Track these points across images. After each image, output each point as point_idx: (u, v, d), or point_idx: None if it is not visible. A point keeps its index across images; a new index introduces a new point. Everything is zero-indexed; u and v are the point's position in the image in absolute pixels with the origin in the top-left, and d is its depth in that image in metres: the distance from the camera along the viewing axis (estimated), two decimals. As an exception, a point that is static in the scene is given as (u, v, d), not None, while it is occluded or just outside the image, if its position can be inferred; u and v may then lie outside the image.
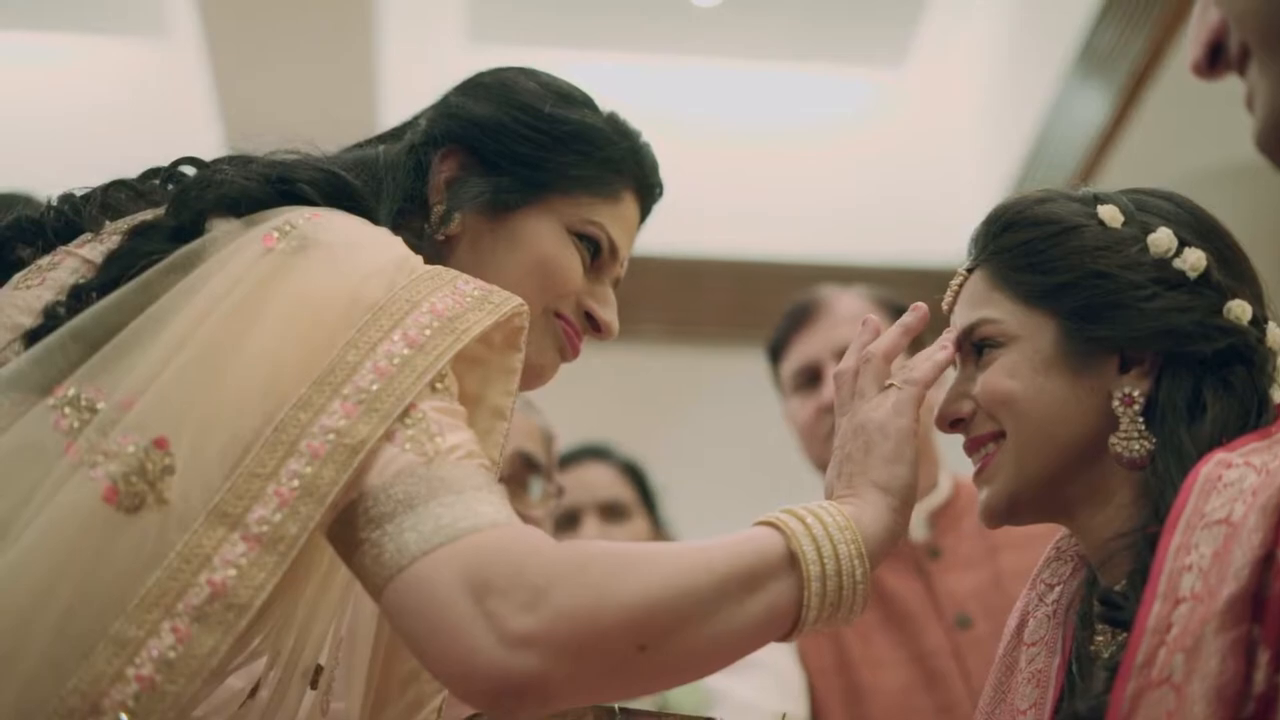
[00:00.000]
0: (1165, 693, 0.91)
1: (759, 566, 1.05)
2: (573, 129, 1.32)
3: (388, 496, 1.01)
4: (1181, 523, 0.98)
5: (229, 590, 0.97)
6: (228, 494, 0.99)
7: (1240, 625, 0.88)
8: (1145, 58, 3.62)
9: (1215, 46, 0.83)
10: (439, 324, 1.08)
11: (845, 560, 1.09)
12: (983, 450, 1.24)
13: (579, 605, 0.97)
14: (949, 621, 2.18)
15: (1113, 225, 1.22)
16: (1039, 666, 1.22)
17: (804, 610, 1.07)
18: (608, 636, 0.98)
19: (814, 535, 1.08)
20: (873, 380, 1.22)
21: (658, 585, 1.00)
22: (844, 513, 1.11)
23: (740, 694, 2.16)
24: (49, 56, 4.36)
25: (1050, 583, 1.27)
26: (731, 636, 1.04)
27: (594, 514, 2.63)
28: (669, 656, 1.01)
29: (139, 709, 0.93)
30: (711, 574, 1.02)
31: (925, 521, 2.27)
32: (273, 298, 1.05)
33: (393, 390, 1.03)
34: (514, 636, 0.96)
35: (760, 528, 1.08)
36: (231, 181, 1.15)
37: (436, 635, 0.98)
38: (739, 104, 4.62)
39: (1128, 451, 1.17)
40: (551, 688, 0.98)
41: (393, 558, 0.99)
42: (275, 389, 1.02)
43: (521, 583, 0.97)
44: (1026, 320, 1.21)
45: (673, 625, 1.00)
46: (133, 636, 0.94)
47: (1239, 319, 1.19)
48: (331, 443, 1.01)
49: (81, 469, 0.97)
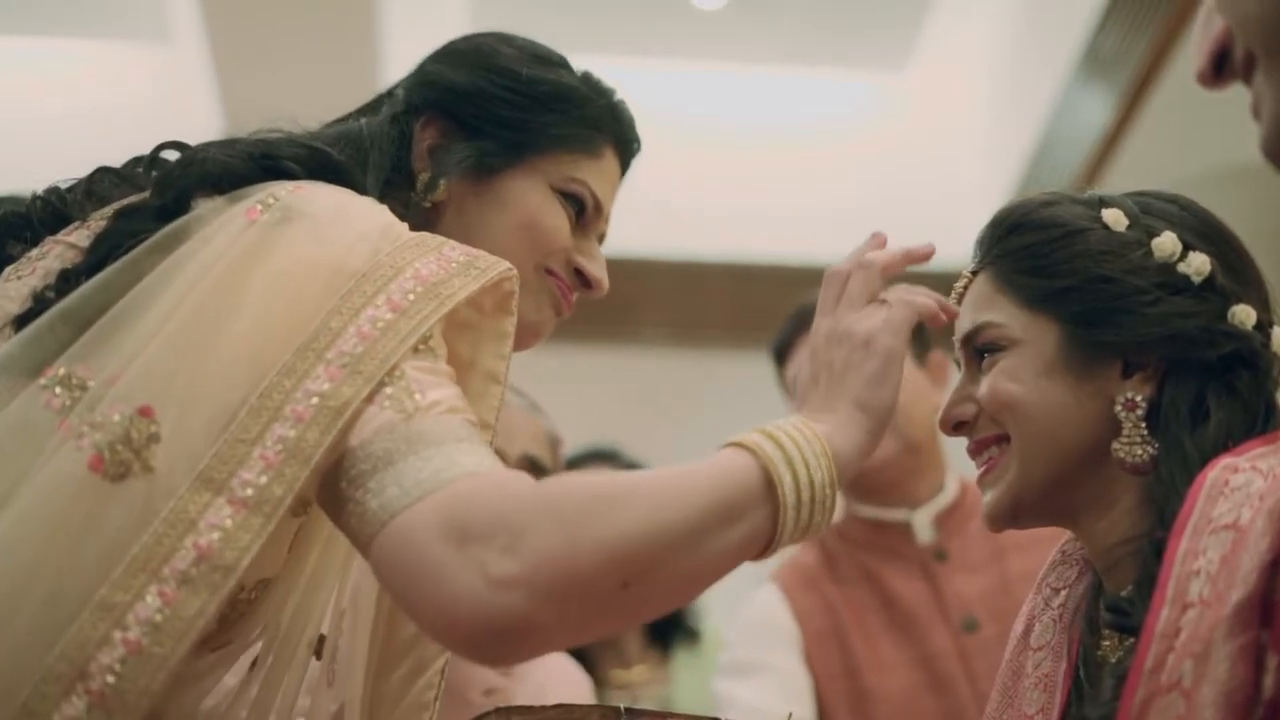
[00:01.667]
0: (1175, 698, 0.91)
1: (738, 498, 1.04)
2: (551, 89, 1.34)
3: (368, 454, 1.01)
4: (1189, 528, 0.98)
5: (214, 552, 0.97)
6: (213, 460, 0.99)
7: (1249, 630, 0.88)
8: (1148, 60, 3.63)
9: (1220, 55, 0.83)
10: (423, 289, 1.08)
11: (819, 487, 1.07)
12: (986, 454, 1.24)
13: (560, 546, 0.97)
14: (955, 625, 2.18)
15: (1117, 229, 1.22)
16: (1046, 671, 1.22)
17: (778, 534, 1.06)
18: (590, 576, 0.97)
19: (791, 462, 1.06)
20: (864, 286, 1.16)
21: (639, 523, 0.99)
22: (819, 435, 1.08)
23: (746, 698, 2.16)
24: (52, 61, 4.36)
25: (1056, 586, 1.27)
26: (710, 566, 1.03)
27: None
28: (651, 591, 1.01)
29: (126, 673, 0.94)
30: (691, 509, 1.01)
31: (932, 524, 2.27)
32: (257, 269, 1.06)
33: (376, 353, 1.04)
34: (496, 580, 0.95)
35: (737, 453, 1.06)
36: (214, 159, 1.16)
37: (420, 585, 0.98)
38: (742, 107, 4.63)
39: (1130, 457, 1.17)
40: (537, 628, 0.97)
41: (376, 514, 0.99)
42: (261, 357, 1.03)
43: (501, 527, 0.97)
44: (1029, 324, 1.21)
45: (654, 562, 0.99)
46: (119, 601, 0.95)
47: (1243, 324, 1.19)
48: (315, 406, 1.01)
49: (70, 442, 0.98)
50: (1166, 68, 3.64)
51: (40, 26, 4.29)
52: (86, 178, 1.23)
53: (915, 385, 2.26)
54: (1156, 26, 3.55)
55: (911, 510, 2.28)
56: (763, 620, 2.25)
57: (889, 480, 2.26)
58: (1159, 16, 3.53)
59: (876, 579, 2.25)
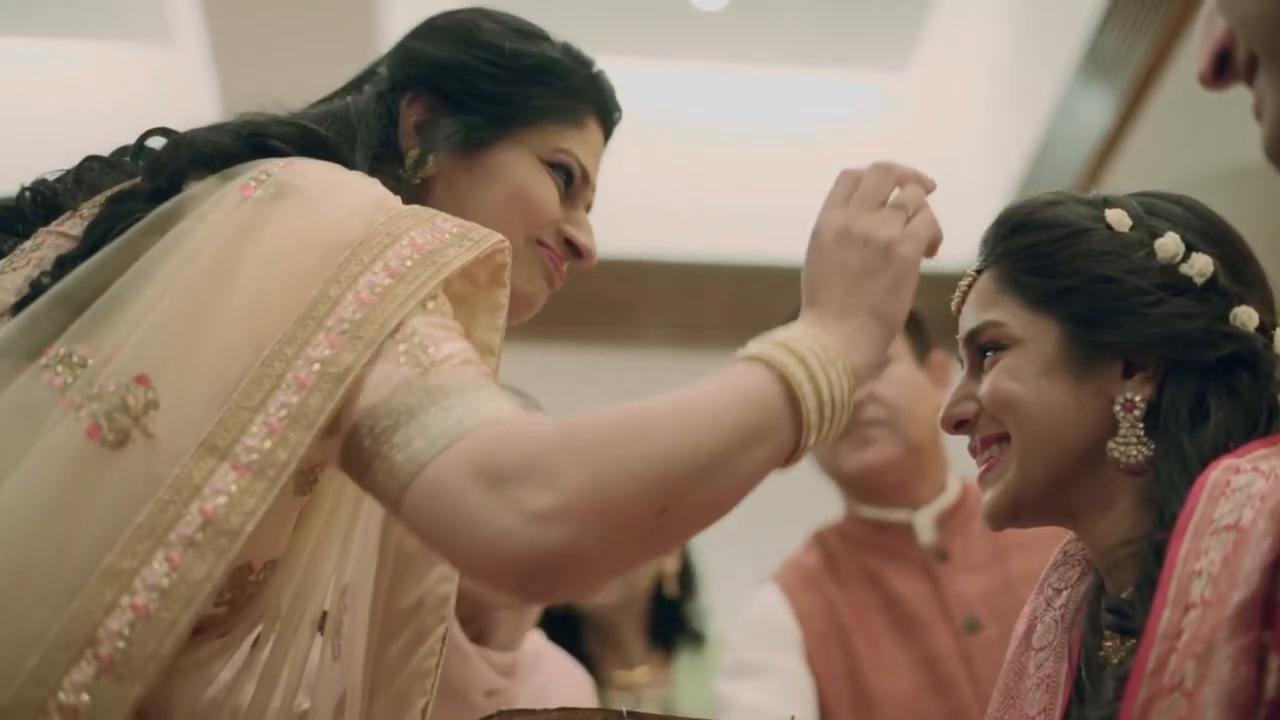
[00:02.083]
0: (1177, 699, 0.91)
1: (765, 421, 1.04)
2: (534, 62, 1.35)
3: (389, 411, 1.02)
4: (1190, 528, 0.98)
5: (220, 517, 0.98)
6: (216, 427, 1.00)
7: (1250, 631, 0.88)
8: (1149, 61, 3.63)
9: (1222, 56, 0.84)
10: (420, 256, 1.09)
11: (840, 405, 1.07)
12: (987, 452, 1.24)
13: (594, 478, 0.98)
14: (957, 625, 2.18)
15: (1120, 229, 1.22)
16: (1048, 671, 1.22)
17: (800, 448, 1.07)
18: (626, 505, 0.98)
19: (814, 378, 1.06)
20: (880, 187, 1.15)
21: (671, 451, 1.00)
22: (840, 351, 1.08)
23: (748, 699, 2.16)
24: (52, 62, 4.37)
25: (1058, 587, 1.27)
26: (740, 485, 1.04)
27: None
28: (686, 515, 1.02)
29: (134, 638, 0.94)
30: (720, 433, 1.02)
31: (933, 524, 2.27)
32: (253, 244, 1.07)
33: (375, 318, 1.05)
34: (536, 515, 0.96)
35: (756, 368, 1.06)
36: (204, 139, 1.17)
37: (461, 531, 0.98)
38: (742, 107, 4.63)
39: (1125, 457, 1.17)
40: (581, 559, 0.98)
41: (403, 467, 1.00)
42: (259, 329, 1.04)
43: (532, 465, 0.98)
44: (1031, 323, 1.22)
45: (687, 487, 1.00)
46: (125, 567, 0.95)
47: (1245, 325, 1.19)
48: (317, 372, 1.02)
49: (69, 415, 0.99)
50: (1167, 68, 3.64)
51: (40, 27, 4.29)
52: (75, 167, 1.24)
53: (916, 385, 2.26)
54: (1157, 27, 3.55)
55: (913, 511, 2.28)
56: (764, 621, 2.25)
57: (891, 482, 2.26)
58: (1160, 17, 3.53)
59: (878, 580, 2.25)
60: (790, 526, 2.54)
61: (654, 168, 4.42)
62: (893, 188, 1.16)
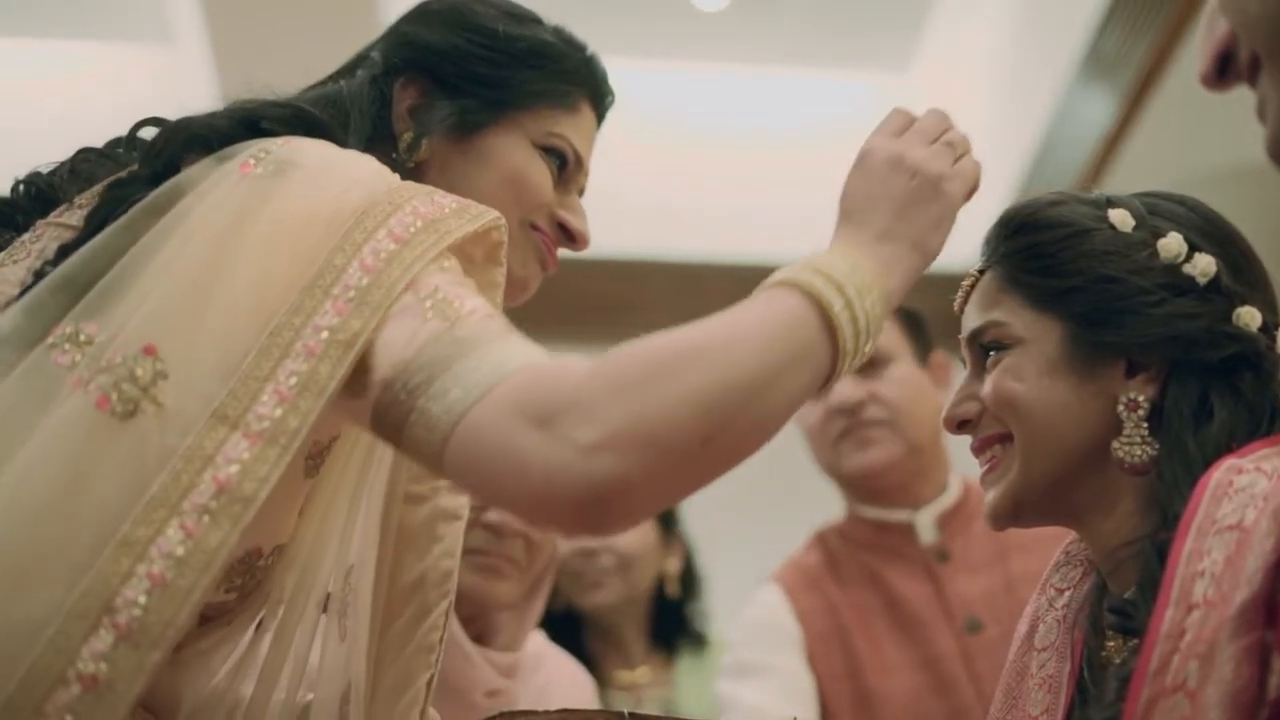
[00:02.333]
0: (1179, 699, 0.91)
1: (802, 348, 1.06)
2: (528, 45, 1.35)
3: (422, 364, 1.02)
4: (1193, 529, 0.98)
5: (233, 485, 0.99)
6: (227, 398, 1.01)
7: (1254, 631, 0.88)
8: (1150, 61, 3.63)
9: (1224, 57, 0.84)
10: (423, 223, 1.10)
11: (874, 331, 1.10)
12: (989, 452, 1.24)
13: (640, 409, 0.98)
14: (959, 625, 2.18)
15: (1123, 229, 1.22)
16: (1050, 672, 1.22)
17: (835, 373, 1.09)
18: (673, 433, 0.99)
19: (851, 307, 1.07)
20: (937, 126, 1.18)
21: (712, 380, 1.00)
22: (876, 276, 1.10)
23: (749, 699, 2.16)
24: (53, 63, 4.37)
25: (1060, 587, 1.27)
26: (781, 411, 1.06)
27: None
28: (730, 441, 1.02)
29: (151, 605, 0.95)
30: (760, 362, 1.03)
31: (935, 525, 2.27)
32: (256, 220, 1.07)
33: (381, 283, 1.05)
34: (586, 448, 0.97)
35: (792, 294, 1.08)
36: (200, 122, 1.18)
37: (510, 471, 0.99)
38: (743, 107, 4.63)
39: (1129, 457, 1.17)
40: (632, 489, 0.98)
41: (443, 417, 1.00)
42: (266, 300, 1.04)
43: (576, 402, 0.98)
44: (1034, 323, 1.22)
45: (730, 414, 1.01)
46: (140, 537, 0.96)
47: (1248, 326, 1.19)
48: (325, 340, 1.03)
49: (78, 391, 0.99)
50: (1168, 68, 3.64)
51: (41, 28, 4.29)
52: (69, 159, 1.24)
53: (918, 386, 2.26)
54: (1158, 27, 3.55)
55: (914, 511, 2.28)
56: (765, 621, 2.25)
57: (893, 482, 2.26)
58: (1161, 17, 3.53)
59: (879, 580, 2.25)
60: (791, 527, 2.54)
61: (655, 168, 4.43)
62: (943, 132, 1.19)
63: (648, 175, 4.35)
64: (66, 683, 0.92)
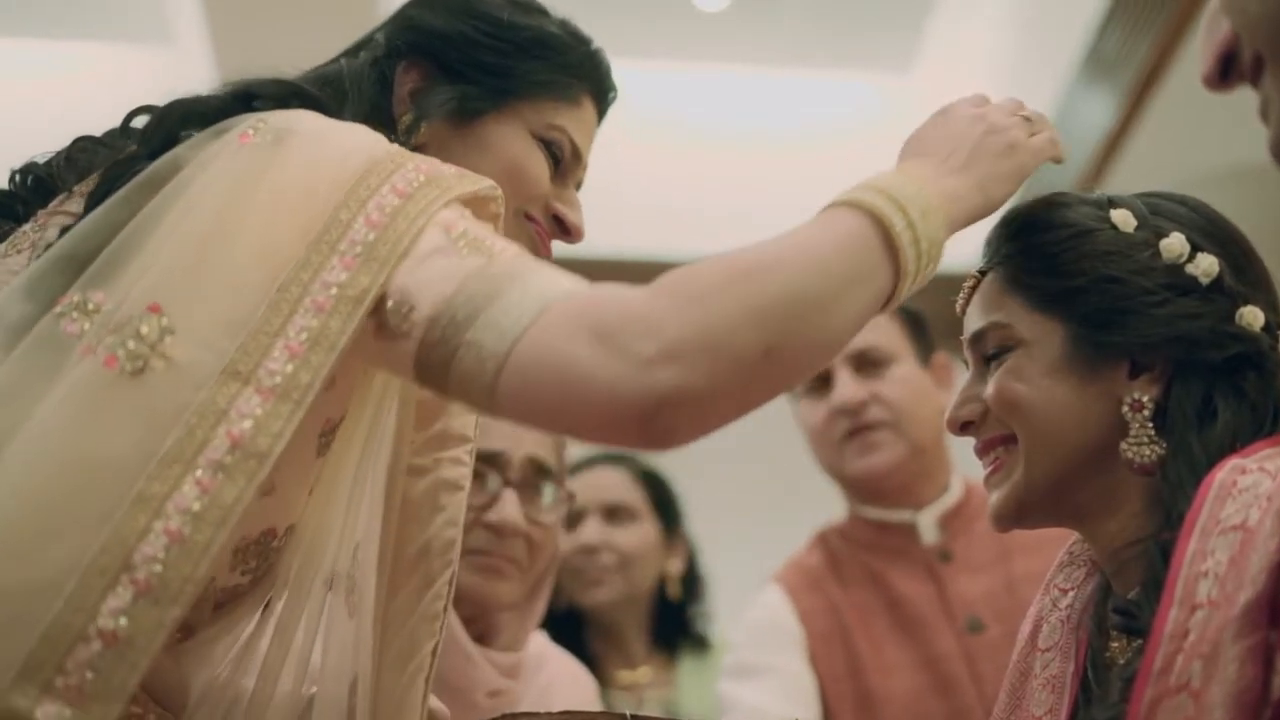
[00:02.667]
0: (1183, 699, 0.91)
1: (864, 266, 1.07)
2: (532, 35, 1.35)
3: (466, 299, 1.02)
4: (1197, 529, 0.97)
5: (247, 440, 0.99)
6: (237, 353, 1.01)
7: (1257, 631, 0.87)
8: (1151, 62, 3.63)
9: (1227, 58, 0.84)
10: (425, 178, 1.10)
11: (935, 255, 1.11)
12: (993, 454, 1.24)
13: (701, 319, 0.99)
14: (960, 626, 2.18)
15: (1125, 230, 1.22)
16: (1054, 672, 1.21)
17: (896, 293, 1.11)
18: (734, 342, 0.99)
19: (913, 228, 1.09)
20: (1018, 106, 1.25)
21: (772, 291, 1.02)
22: (940, 201, 1.12)
23: (751, 700, 2.16)
24: (54, 63, 4.37)
25: (1064, 588, 1.27)
26: (843, 327, 1.07)
27: (597, 514, 2.63)
28: (792, 354, 1.03)
29: (170, 561, 0.95)
30: (820, 276, 1.04)
31: (937, 525, 2.27)
32: (259, 186, 1.07)
33: (388, 238, 1.06)
34: (647, 359, 0.98)
35: (855, 214, 1.09)
36: (195, 99, 1.19)
37: (572, 388, 0.99)
38: (744, 108, 4.63)
39: (1138, 457, 1.17)
40: (695, 400, 0.99)
41: (496, 345, 1.00)
42: (271, 258, 1.04)
43: (635, 316, 0.99)
44: (1037, 324, 1.21)
45: (792, 326, 1.02)
46: (156, 493, 0.96)
47: (1251, 325, 1.19)
48: (335, 296, 1.03)
49: (88, 357, 1.00)
50: (1169, 69, 3.64)
51: (41, 29, 4.29)
52: (65, 148, 1.24)
53: (920, 387, 2.26)
54: (1159, 28, 3.55)
55: (916, 511, 2.28)
56: (767, 622, 2.25)
57: (895, 483, 2.26)
58: (1161, 18, 3.53)
59: (881, 580, 2.25)
60: (793, 528, 2.54)
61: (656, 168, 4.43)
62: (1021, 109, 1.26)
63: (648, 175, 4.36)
64: (87, 639, 0.92)
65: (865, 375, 2.26)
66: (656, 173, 4.44)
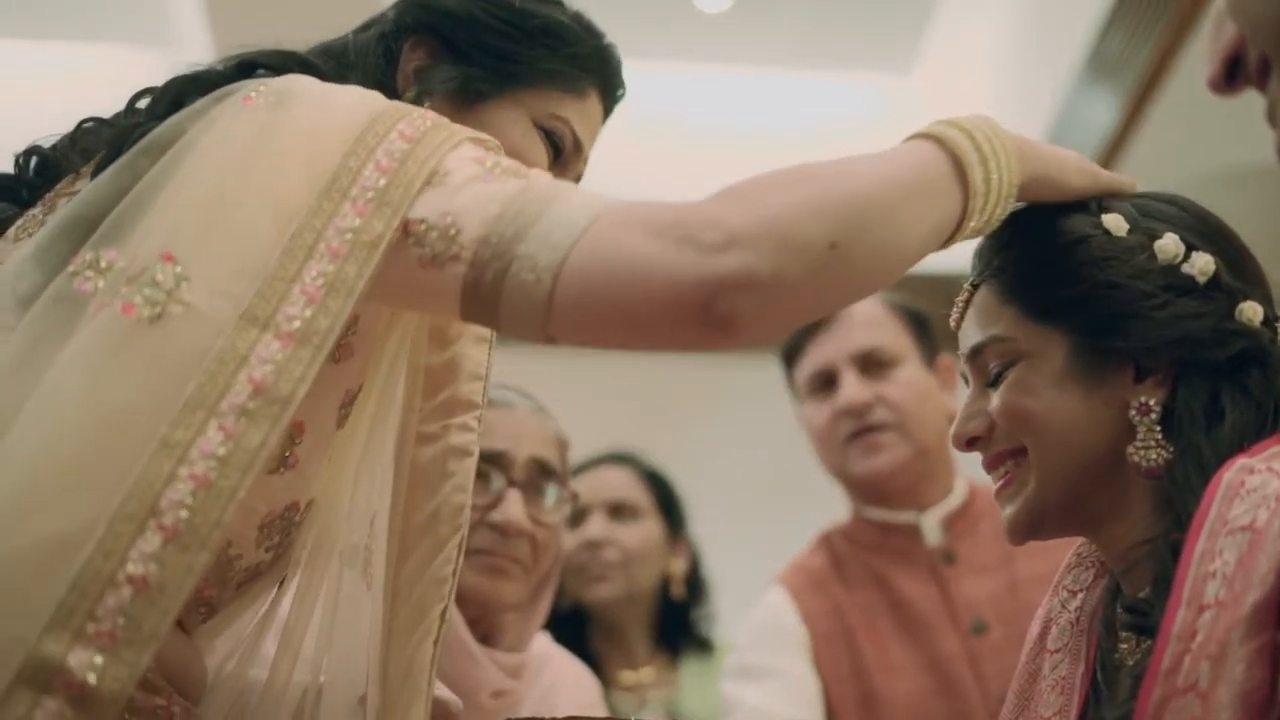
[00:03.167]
0: (1191, 700, 0.91)
1: (931, 182, 1.09)
2: (543, 24, 1.35)
3: (515, 214, 1.03)
4: (1205, 529, 0.97)
5: (269, 385, 0.99)
6: (254, 299, 1.01)
7: (1265, 632, 0.88)
8: (1154, 63, 3.62)
9: (1233, 61, 0.84)
10: (432, 123, 1.11)
11: (1006, 192, 1.13)
12: (1003, 468, 1.23)
13: (763, 208, 1.00)
14: (964, 627, 2.18)
15: (1118, 234, 1.20)
16: (1063, 674, 1.21)
17: (964, 222, 1.12)
18: (797, 229, 1.01)
19: (985, 162, 1.11)
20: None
21: (837, 187, 1.03)
22: (1015, 149, 1.14)
23: (754, 701, 2.16)
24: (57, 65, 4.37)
25: (1072, 589, 1.27)
26: (909, 240, 1.08)
27: (601, 512, 2.63)
28: (857, 254, 1.04)
29: (197, 506, 0.95)
30: (886, 181, 1.06)
31: (940, 526, 2.27)
32: (266, 142, 1.08)
33: (399, 183, 1.06)
34: (710, 244, 0.99)
35: (928, 143, 1.12)
36: (200, 70, 1.20)
37: (636, 280, 1.00)
38: (747, 109, 4.63)
39: (1146, 461, 1.16)
40: (759, 281, 1.00)
41: (551, 253, 1.01)
42: (283, 205, 1.05)
43: (694, 212, 1.01)
44: (1037, 335, 1.20)
45: (860, 223, 1.03)
46: (181, 439, 0.96)
47: (1251, 321, 1.18)
48: (349, 241, 1.04)
49: (103, 311, 1.00)
50: (1172, 71, 3.64)
51: (44, 30, 4.29)
52: (71, 131, 1.25)
53: (924, 388, 2.27)
54: (1161, 29, 3.55)
55: (920, 513, 2.28)
56: (770, 623, 2.25)
57: (900, 485, 2.26)
58: (1164, 19, 3.53)
59: (885, 582, 2.25)
60: (796, 529, 2.54)
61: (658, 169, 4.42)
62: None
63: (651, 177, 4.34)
64: (117, 585, 0.92)
65: (870, 377, 2.26)
66: (658, 173, 4.43)
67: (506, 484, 1.79)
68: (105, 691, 0.90)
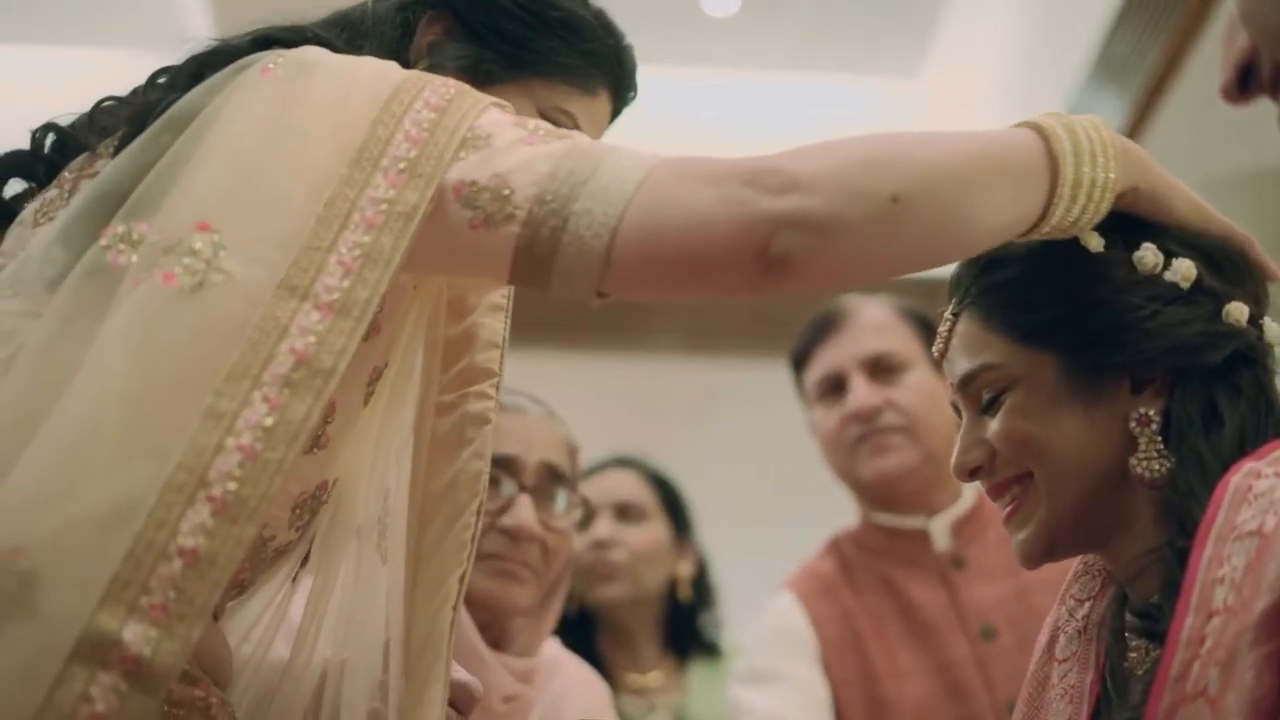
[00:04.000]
0: (1200, 706, 0.91)
1: (1013, 160, 1.08)
2: (562, 16, 1.35)
3: (568, 173, 1.03)
4: (1213, 534, 0.97)
5: (311, 356, 0.99)
6: (291, 268, 1.00)
7: (1274, 638, 0.87)
8: (1161, 66, 3.62)
9: (1246, 69, 0.84)
10: (455, 91, 1.11)
11: (1100, 192, 1.12)
12: (1008, 494, 1.22)
13: (824, 158, 1.01)
14: (973, 633, 2.18)
15: (1095, 249, 1.19)
16: (1072, 682, 1.21)
17: (1046, 215, 1.11)
18: (863, 179, 1.01)
19: (1079, 154, 1.11)
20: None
21: (911, 150, 1.03)
22: (1117, 152, 1.13)
23: (763, 706, 2.16)
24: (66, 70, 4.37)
25: (1079, 598, 1.26)
26: (979, 214, 1.07)
27: (609, 513, 2.63)
28: (920, 215, 1.03)
29: (245, 478, 0.94)
30: (967, 155, 1.06)
31: (949, 531, 2.27)
32: (290, 111, 1.08)
33: (430, 153, 1.06)
34: (773, 188, 1.00)
35: (1028, 130, 1.11)
36: (218, 45, 1.21)
37: (695, 223, 1.00)
38: (755, 113, 4.63)
39: (1148, 472, 1.16)
40: (817, 224, 1.00)
41: (606, 210, 1.02)
42: (314, 172, 1.04)
43: (751, 163, 1.01)
44: (1026, 359, 1.19)
45: (925, 182, 1.03)
46: (226, 409, 0.95)
47: (1239, 321, 1.18)
48: (384, 212, 1.04)
49: (142, 284, 0.99)
50: (1179, 73, 3.64)
51: (53, 35, 4.30)
52: (89, 110, 1.25)
53: (934, 393, 2.26)
54: (1169, 32, 3.55)
55: (929, 518, 2.28)
56: (779, 628, 2.25)
57: (909, 489, 2.26)
58: (1171, 22, 3.52)
59: (894, 587, 2.25)
60: (805, 534, 2.54)
61: (665, 173, 4.42)
62: None
63: (658, 181, 4.35)
64: (169, 557, 0.91)
65: (880, 381, 2.26)
66: (666, 177, 4.43)
67: (517, 489, 1.79)
68: (159, 666, 0.90)
